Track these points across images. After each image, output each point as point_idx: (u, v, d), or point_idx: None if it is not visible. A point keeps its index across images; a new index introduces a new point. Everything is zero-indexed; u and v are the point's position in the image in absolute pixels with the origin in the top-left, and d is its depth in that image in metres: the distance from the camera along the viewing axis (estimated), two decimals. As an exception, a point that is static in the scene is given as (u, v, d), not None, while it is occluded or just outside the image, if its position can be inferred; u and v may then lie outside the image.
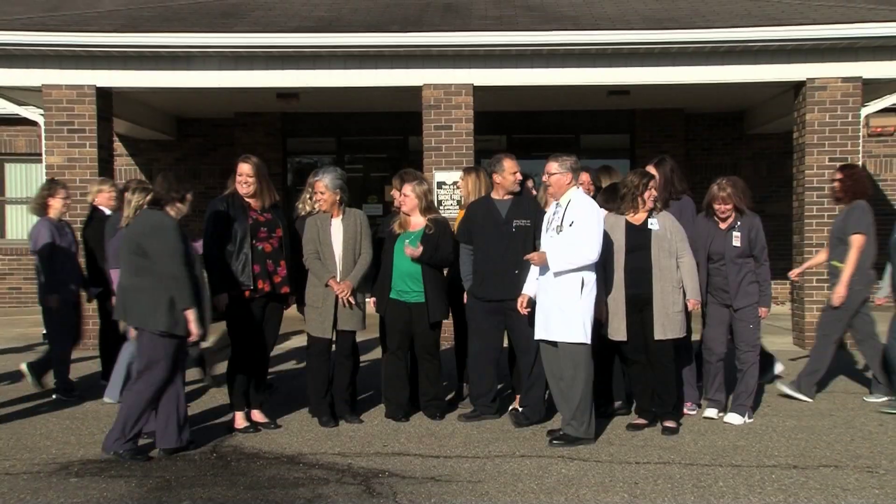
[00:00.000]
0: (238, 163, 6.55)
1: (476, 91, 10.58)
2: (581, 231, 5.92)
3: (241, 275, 6.27)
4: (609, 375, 6.77)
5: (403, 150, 14.34)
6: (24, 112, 11.14)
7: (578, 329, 5.92)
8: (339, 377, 6.66)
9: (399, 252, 6.67)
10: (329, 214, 6.62)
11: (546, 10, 11.33)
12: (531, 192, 7.09)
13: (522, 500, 4.86)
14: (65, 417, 6.88)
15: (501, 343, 6.75)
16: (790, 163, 11.24)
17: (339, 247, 6.56)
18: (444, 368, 7.09)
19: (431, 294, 6.69)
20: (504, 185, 6.67)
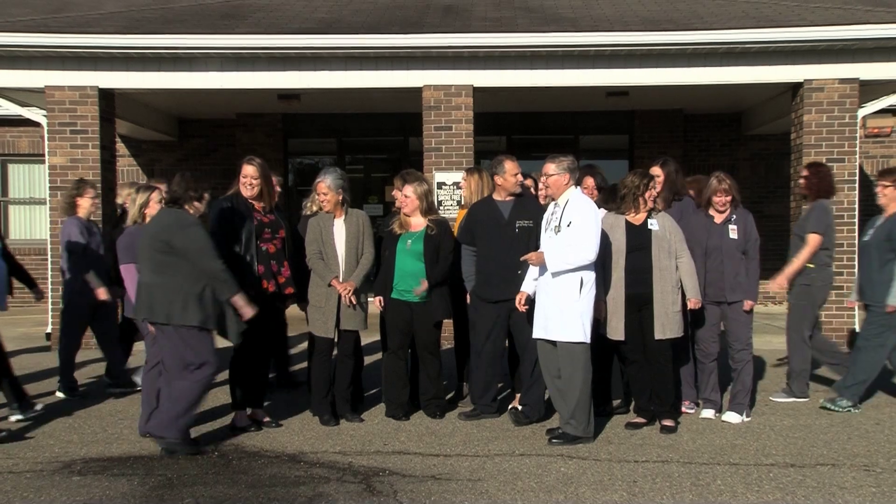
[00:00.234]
0: (242, 164, 6.54)
1: (476, 92, 10.58)
2: (579, 231, 5.93)
3: (248, 275, 6.26)
4: (608, 374, 6.79)
5: (404, 151, 14.33)
6: (27, 113, 11.13)
7: (577, 328, 5.94)
8: (341, 376, 6.66)
9: (401, 252, 6.67)
10: (332, 215, 6.62)
11: (545, 12, 11.33)
12: (531, 192, 7.12)
13: (522, 499, 4.88)
14: (67, 416, 6.89)
15: (504, 343, 6.76)
16: (788, 163, 11.28)
17: (342, 247, 6.56)
18: (445, 368, 7.10)
19: (435, 294, 6.69)
20: (505, 187, 6.68)
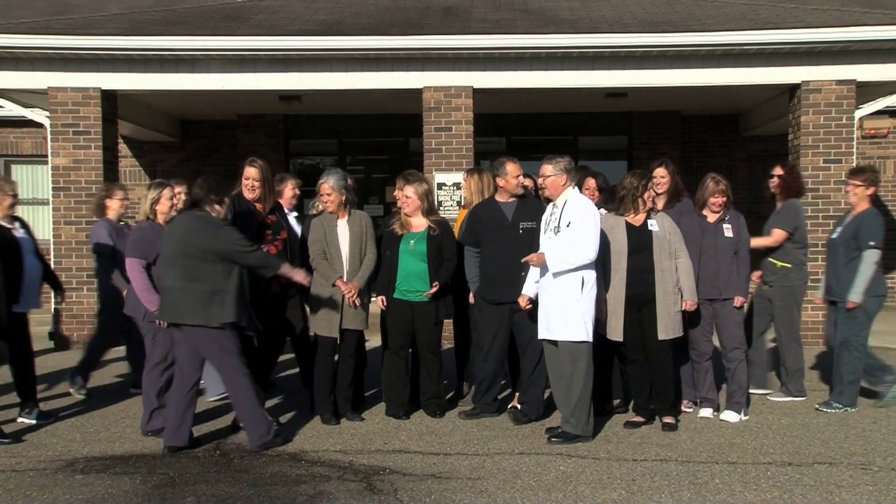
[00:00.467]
0: (244, 167, 6.57)
1: (476, 93, 10.60)
2: (578, 231, 5.95)
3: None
4: (608, 374, 6.81)
5: (404, 152, 14.32)
6: (31, 114, 11.15)
7: (579, 327, 5.96)
8: (342, 375, 6.68)
9: (404, 252, 6.67)
10: (335, 215, 6.64)
11: (544, 14, 11.34)
12: (531, 192, 7.13)
13: (521, 497, 4.90)
14: (70, 415, 6.92)
15: (507, 343, 6.74)
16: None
17: (346, 247, 6.58)
18: (445, 367, 7.10)
19: (439, 293, 6.70)
20: (507, 189, 6.68)
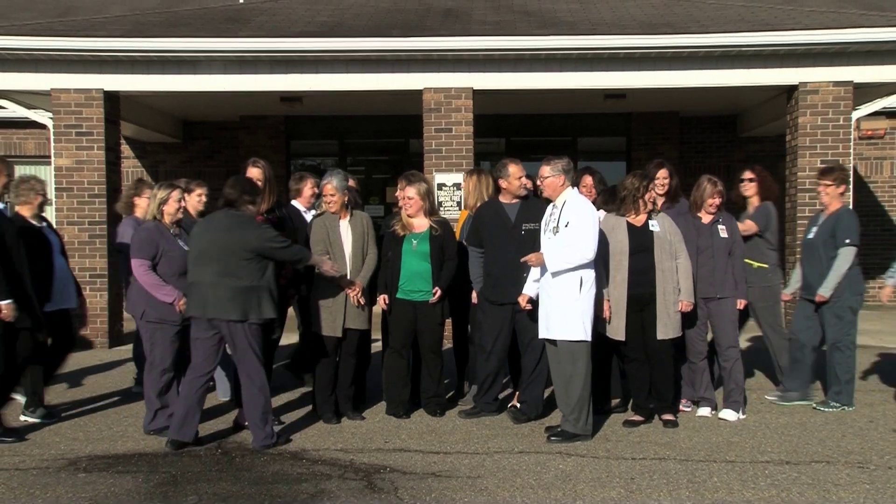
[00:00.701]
0: (247, 167, 6.61)
1: (476, 94, 10.63)
2: (577, 231, 6.00)
3: None
4: (607, 373, 6.83)
5: (404, 153, 14.35)
6: (34, 115, 11.19)
7: (578, 327, 6.00)
8: (343, 374, 6.69)
9: (407, 253, 6.69)
10: (337, 216, 6.67)
11: (544, 16, 11.37)
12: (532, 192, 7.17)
13: (521, 495, 4.92)
14: (73, 415, 6.95)
15: (509, 343, 6.75)
16: (783, 165, 11.31)
17: (349, 247, 6.61)
18: (445, 367, 7.12)
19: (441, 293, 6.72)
20: (510, 190, 6.71)
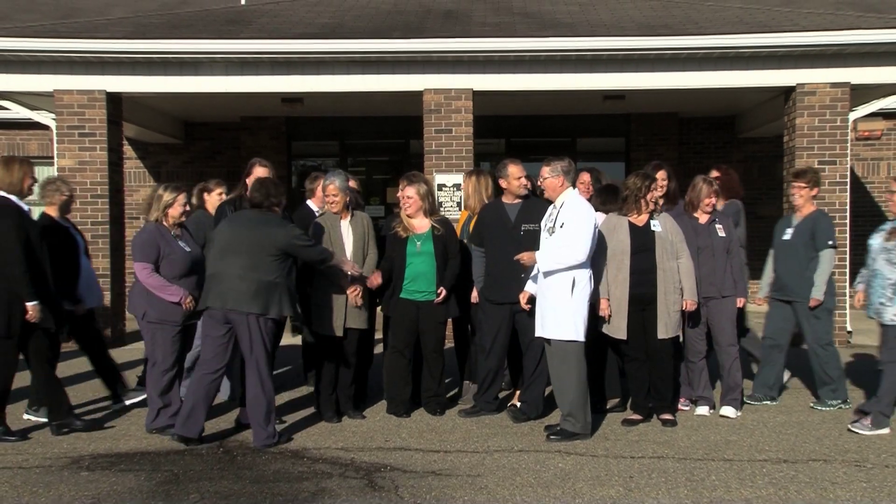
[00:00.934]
0: (255, 166, 6.63)
1: (475, 95, 10.65)
2: (570, 232, 6.05)
3: None
4: (601, 372, 6.85)
5: (405, 153, 14.37)
6: (37, 116, 11.23)
7: (569, 327, 6.05)
8: (344, 374, 6.73)
9: (411, 254, 6.73)
10: (338, 216, 6.72)
11: (543, 17, 11.40)
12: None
13: (520, 494, 4.95)
14: (75, 413, 6.88)
15: (508, 342, 6.78)
16: (780, 165, 11.36)
17: (350, 248, 6.66)
18: (447, 366, 7.15)
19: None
20: (510, 190, 6.76)
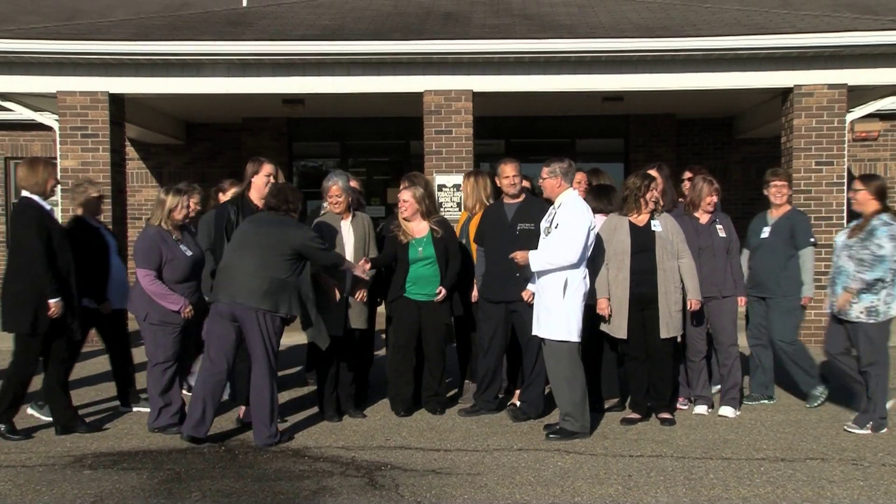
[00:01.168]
0: (262, 164, 6.65)
1: (475, 97, 10.68)
2: (562, 233, 6.11)
3: None
4: (597, 372, 6.88)
5: (405, 154, 14.41)
6: (40, 117, 11.24)
7: (561, 328, 6.11)
8: (344, 373, 6.76)
9: (413, 259, 6.76)
10: (339, 217, 6.76)
11: (543, 19, 11.43)
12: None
13: (520, 492, 4.99)
14: (79, 413, 6.98)
15: (505, 341, 6.83)
16: (778, 166, 11.06)
17: (351, 248, 6.70)
18: (448, 365, 7.20)
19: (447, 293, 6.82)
20: (503, 189, 6.84)
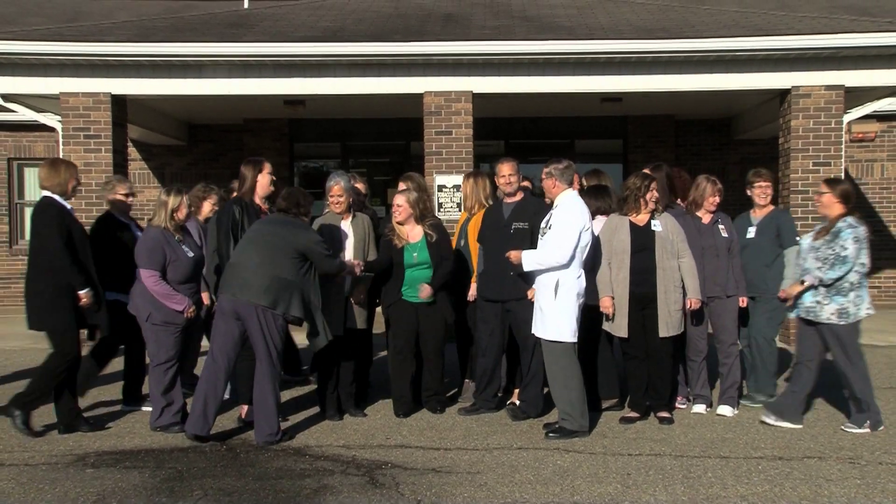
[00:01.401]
0: (263, 163, 6.68)
1: (475, 98, 10.72)
2: (555, 234, 6.17)
3: None
4: (593, 370, 6.89)
5: (405, 155, 14.45)
6: (43, 118, 11.30)
7: (554, 328, 6.16)
8: (344, 372, 6.79)
9: (409, 264, 6.79)
10: (339, 217, 6.80)
11: (542, 21, 11.47)
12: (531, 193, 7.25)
13: (519, 491, 5.01)
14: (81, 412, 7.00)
15: (503, 340, 6.86)
16: (776, 167, 11.34)
17: (351, 248, 6.74)
18: (448, 365, 7.24)
19: (440, 295, 6.83)
20: (500, 188, 6.91)
